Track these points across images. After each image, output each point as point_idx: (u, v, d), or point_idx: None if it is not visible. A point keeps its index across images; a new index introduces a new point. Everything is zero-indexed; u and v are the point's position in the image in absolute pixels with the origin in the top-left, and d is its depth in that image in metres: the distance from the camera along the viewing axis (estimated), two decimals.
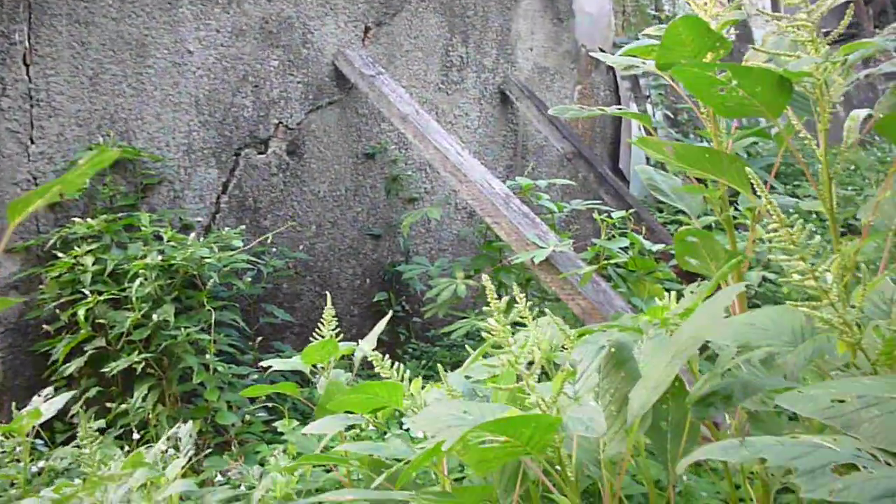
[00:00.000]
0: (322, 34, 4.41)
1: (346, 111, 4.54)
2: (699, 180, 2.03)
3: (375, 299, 4.63)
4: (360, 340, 2.12)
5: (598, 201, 4.44)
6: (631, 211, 3.91)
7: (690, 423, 1.25)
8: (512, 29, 5.52)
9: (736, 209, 2.14)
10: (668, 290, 2.29)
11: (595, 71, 6.28)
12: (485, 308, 1.04)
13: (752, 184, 1.58)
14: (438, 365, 1.44)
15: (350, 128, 4.56)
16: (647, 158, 5.32)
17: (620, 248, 3.50)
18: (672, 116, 6.89)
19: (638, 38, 2.11)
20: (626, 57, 2.11)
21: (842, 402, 0.70)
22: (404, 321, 4.70)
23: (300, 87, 4.32)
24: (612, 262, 3.42)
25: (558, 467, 1.29)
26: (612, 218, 3.57)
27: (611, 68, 6.37)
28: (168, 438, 2.07)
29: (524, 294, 4.03)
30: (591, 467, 1.02)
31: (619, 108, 2.16)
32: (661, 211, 5.63)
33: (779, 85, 1.36)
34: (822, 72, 1.38)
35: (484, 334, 1.00)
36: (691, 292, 1.44)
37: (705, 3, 1.94)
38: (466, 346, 2.05)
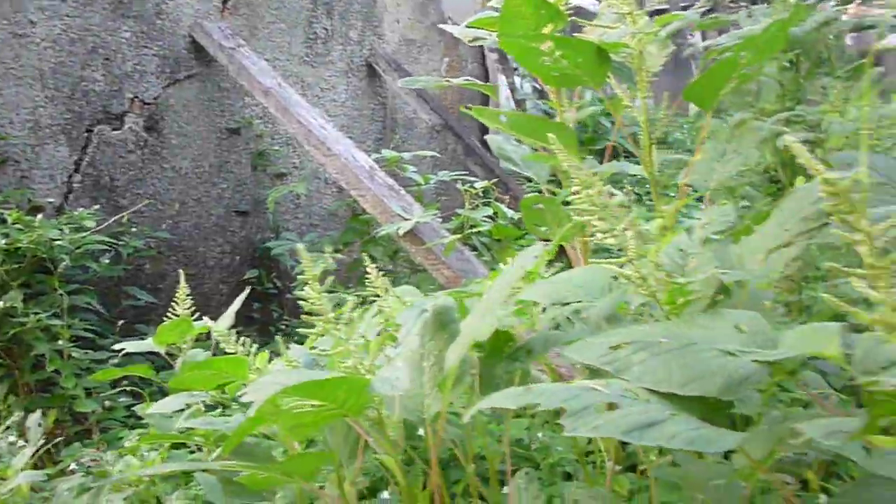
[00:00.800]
0: (177, 4, 4.25)
1: (206, 85, 4.40)
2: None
3: (246, 277, 4.55)
4: (209, 318, 2.09)
5: (465, 172, 4.51)
6: (495, 181, 4.00)
7: (521, 379, 1.32)
8: (378, 1, 5.48)
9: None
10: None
11: (462, 43, 6.33)
12: (299, 277, 1.06)
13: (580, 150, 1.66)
14: (277, 337, 1.45)
15: (212, 102, 4.43)
16: None
17: (485, 218, 3.58)
18: (540, 88, 7.05)
19: None
20: (471, 28, 2.15)
21: (618, 348, 0.75)
22: (277, 298, 4.64)
23: (156, 61, 4.15)
24: (476, 231, 3.50)
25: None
26: (475, 188, 3.64)
27: None
28: (8, 428, 1.99)
29: (392, 265, 4.00)
30: (417, 426, 1.07)
31: (467, 80, 2.20)
32: (529, 181, 5.77)
33: (598, 55, 1.43)
34: (637, 43, 1.45)
35: (301, 303, 1.01)
36: (535, 256, 1.48)
37: None
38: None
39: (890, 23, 3.40)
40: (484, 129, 6.35)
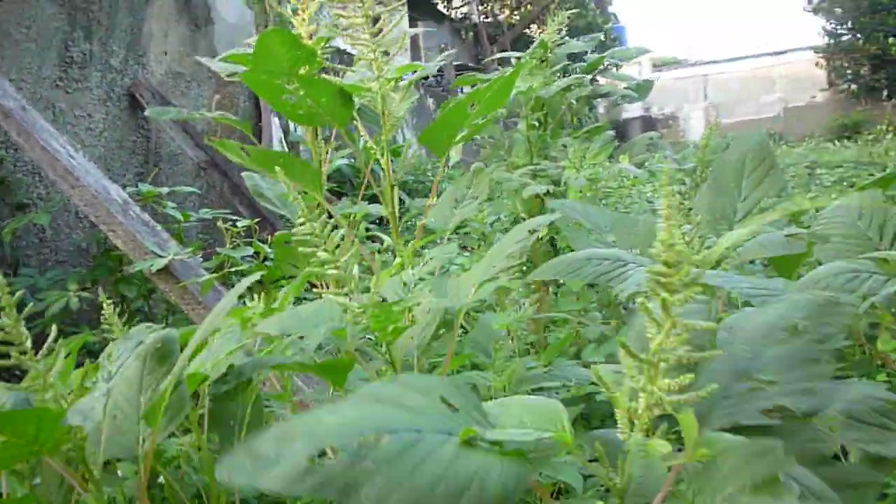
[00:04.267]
0: None
1: None
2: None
3: None
4: None
5: (230, 211, 4.40)
6: (259, 220, 3.94)
7: (252, 415, 1.30)
8: (144, 30, 5.26)
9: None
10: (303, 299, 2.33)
11: (237, 81, 6.22)
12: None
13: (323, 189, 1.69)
14: None
15: None
16: None
17: (245, 257, 3.51)
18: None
19: None
20: (227, 63, 2.12)
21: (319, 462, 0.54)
22: None
23: None
24: (236, 270, 3.41)
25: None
26: (237, 227, 3.56)
27: None
28: None
29: (148, 306, 3.76)
30: (127, 464, 1.02)
31: (222, 114, 2.16)
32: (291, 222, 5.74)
33: (340, 97, 1.47)
34: (380, 87, 1.52)
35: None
36: (245, 287, 1.45)
37: (303, 20, 2.02)
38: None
39: (622, 93, 3.80)
40: None
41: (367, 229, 4.90)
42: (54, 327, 1.02)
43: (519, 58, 3.78)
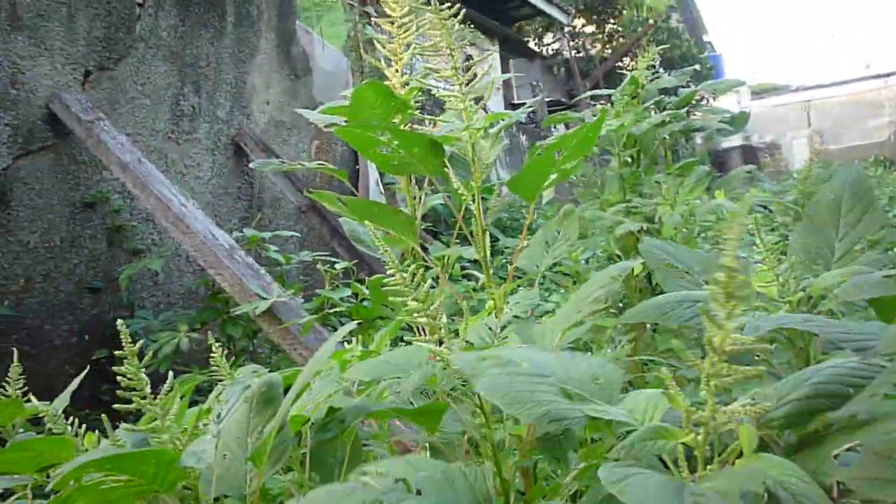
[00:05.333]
0: (35, 75, 4.15)
1: (62, 157, 4.28)
2: None
3: (95, 357, 4.35)
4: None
5: (330, 253, 4.55)
6: (357, 262, 4.05)
7: (350, 454, 1.35)
8: (247, 82, 5.54)
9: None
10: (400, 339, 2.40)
11: None
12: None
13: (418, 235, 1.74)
14: (103, 416, 1.42)
15: (67, 175, 4.30)
16: None
17: (345, 298, 3.61)
18: None
19: None
20: (324, 115, 2.23)
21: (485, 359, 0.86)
22: None
23: (7, 130, 4.01)
24: (335, 311, 3.51)
25: None
26: (336, 269, 3.68)
27: None
28: None
29: (252, 345, 3.90)
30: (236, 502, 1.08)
31: (320, 164, 2.26)
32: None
33: (432, 146, 1.53)
34: (469, 136, 1.57)
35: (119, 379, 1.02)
36: (344, 336, 1.52)
37: (396, 71, 2.11)
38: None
39: (716, 126, 3.75)
40: None
41: (464, 267, 4.96)
42: (171, 374, 1.10)
43: (609, 95, 3.77)
